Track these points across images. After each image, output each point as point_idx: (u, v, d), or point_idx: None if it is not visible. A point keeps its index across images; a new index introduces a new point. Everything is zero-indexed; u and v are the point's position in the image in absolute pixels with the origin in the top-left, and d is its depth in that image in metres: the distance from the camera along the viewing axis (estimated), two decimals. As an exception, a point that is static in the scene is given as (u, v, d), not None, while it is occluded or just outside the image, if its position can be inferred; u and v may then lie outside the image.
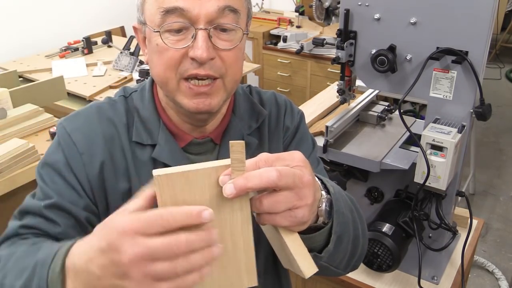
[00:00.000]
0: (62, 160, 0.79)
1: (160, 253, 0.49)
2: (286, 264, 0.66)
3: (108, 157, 0.80)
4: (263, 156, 0.57)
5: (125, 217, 0.52)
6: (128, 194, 0.81)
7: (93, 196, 0.80)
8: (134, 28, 0.82)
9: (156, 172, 0.54)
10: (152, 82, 0.87)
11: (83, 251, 0.56)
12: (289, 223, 0.58)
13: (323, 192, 0.68)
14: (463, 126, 1.17)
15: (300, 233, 0.64)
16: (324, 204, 0.67)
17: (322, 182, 0.70)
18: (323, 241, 0.69)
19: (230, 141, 0.54)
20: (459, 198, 1.35)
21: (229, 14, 0.73)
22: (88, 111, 0.84)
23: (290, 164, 0.58)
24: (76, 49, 3.08)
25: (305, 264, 0.60)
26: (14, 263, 0.69)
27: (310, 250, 0.68)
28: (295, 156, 0.60)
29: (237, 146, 0.54)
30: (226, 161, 0.55)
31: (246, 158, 0.55)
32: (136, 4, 0.79)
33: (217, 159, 0.86)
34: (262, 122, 0.91)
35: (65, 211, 0.77)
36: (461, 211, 1.57)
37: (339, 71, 1.34)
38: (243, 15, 0.76)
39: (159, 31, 0.72)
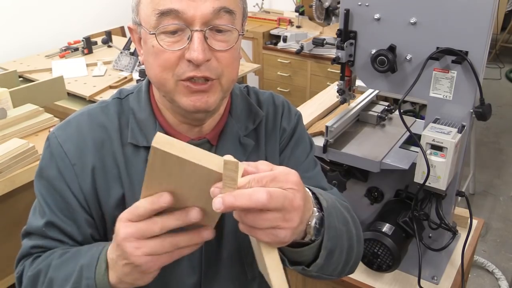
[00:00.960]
0: (56, 175, 0.80)
1: (144, 231, 0.60)
2: (261, 269, 0.66)
3: (99, 165, 0.80)
4: (258, 176, 0.57)
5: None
6: (121, 200, 0.81)
7: (87, 206, 0.81)
8: (129, 28, 0.82)
9: (156, 142, 0.55)
10: (149, 83, 0.87)
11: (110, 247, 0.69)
12: (269, 240, 0.58)
13: (315, 209, 0.67)
14: (463, 126, 1.17)
15: (287, 246, 0.64)
16: (314, 221, 0.66)
17: (316, 197, 0.70)
18: (312, 255, 0.69)
19: (224, 158, 0.54)
20: (459, 198, 1.35)
21: (224, 15, 0.73)
22: (79, 119, 0.84)
23: (283, 186, 0.58)
24: (76, 49, 3.08)
25: (277, 281, 0.60)
26: (56, 271, 0.74)
27: (298, 263, 0.69)
28: (290, 178, 0.59)
29: (230, 164, 0.54)
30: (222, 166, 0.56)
31: (243, 160, 0.55)
32: (131, 5, 0.78)
33: None
34: (259, 123, 0.91)
35: (62, 230, 0.80)
36: (461, 211, 1.57)
37: (339, 71, 1.34)
38: (238, 15, 0.76)
39: (154, 33, 0.72)
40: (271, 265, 0.60)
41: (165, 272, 0.86)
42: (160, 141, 0.55)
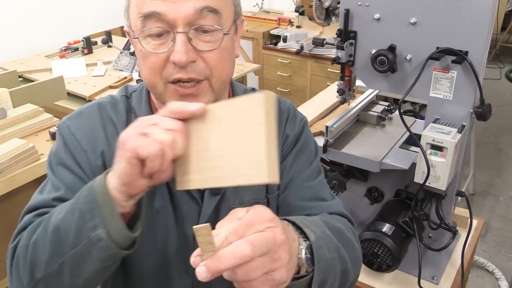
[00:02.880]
0: (70, 158, 0.81)
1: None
2: None
3: (110, 156, 0.81)
4: (232, 228, 0.55)
5: None
6: None
7: None
8: (126, 31, 0.82)
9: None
10: None
11: None
12: (268, 287, 0.56)
13: (301, 239, 0.66)
14: (463, 126, 1.17)
15: None
16: (303, 252, 0.64)
17: (299, 227, 0.68)
18: None
19: (193, 227, 0.52)
20: (459, 198, 1.35)
21: (208, 14, 0.72)
22: (90, 110, 0.86)
23: (259, 228, 0.55)
24: (76, 49, 3.08)
25: None
26: (56, 208, 0.73)
27: None
28: (263, 216, 0.57)
29: (202, 230, 0.52)
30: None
31: None
32: (123, 9, 0.79)
33: None
34: None
35: None
36: (461, 211, 1.57)
37: (339, 71, 1.34)
38: (226, 14, 0.75)
39: (138, 37, 0.73)
40: None
41: (158, 274, 0.86)
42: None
